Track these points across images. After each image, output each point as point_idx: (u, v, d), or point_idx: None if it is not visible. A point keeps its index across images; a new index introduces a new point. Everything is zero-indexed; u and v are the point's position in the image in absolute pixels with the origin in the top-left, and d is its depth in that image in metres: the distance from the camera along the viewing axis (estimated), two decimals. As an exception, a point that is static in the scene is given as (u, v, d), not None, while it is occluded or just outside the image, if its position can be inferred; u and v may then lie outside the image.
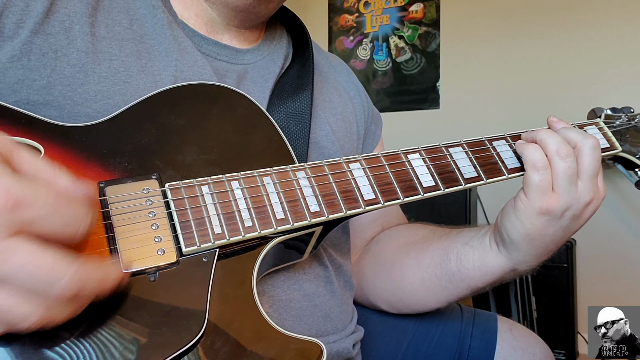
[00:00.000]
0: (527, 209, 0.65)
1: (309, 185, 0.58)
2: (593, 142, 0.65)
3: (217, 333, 0.49)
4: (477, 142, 0.69)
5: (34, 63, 0.55)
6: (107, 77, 0.59)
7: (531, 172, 0.64)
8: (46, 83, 0.55)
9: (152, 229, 0.49)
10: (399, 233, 0.89)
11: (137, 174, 0.53)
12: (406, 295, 0.83)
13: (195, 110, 0.59)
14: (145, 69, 0.62)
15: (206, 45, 0.70)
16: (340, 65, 0.93)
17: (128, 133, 0.55)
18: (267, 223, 0.54)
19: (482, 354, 0.82)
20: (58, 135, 0.52)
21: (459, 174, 0.66)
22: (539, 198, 0.63)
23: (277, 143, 0.62)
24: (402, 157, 0.64)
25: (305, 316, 0.68)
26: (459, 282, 0.76)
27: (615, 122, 0.82)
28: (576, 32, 2.70)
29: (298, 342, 0.52)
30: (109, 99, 0.58)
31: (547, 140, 0.65)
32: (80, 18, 0.59)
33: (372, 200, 0.60)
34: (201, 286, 0.50)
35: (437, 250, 0.79)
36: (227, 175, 0.55)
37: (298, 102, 0.72)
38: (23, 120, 0.50)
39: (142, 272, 0.48)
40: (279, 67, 0.77)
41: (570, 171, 0.63)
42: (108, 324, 0.45)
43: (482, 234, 0.76)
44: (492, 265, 0.72)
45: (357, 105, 0.88)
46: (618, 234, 2.59)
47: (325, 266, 0.74)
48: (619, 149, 0.78)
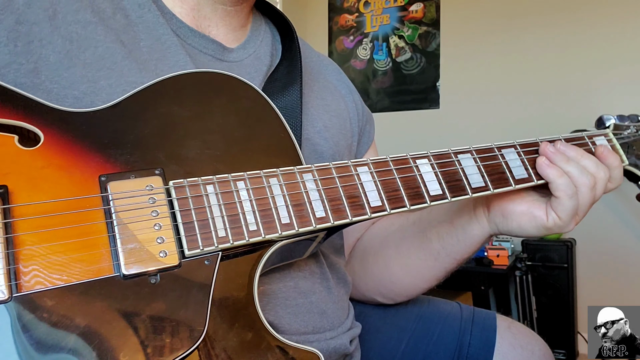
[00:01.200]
0: (551, 226, 0.70)
1: (316, 189, 0.56)
2: (606, 175, 0.71)
3: (217, 338, 0.48)
4: (485, 149, 0.68)
5: (20, 49, 0.55)
6: (91, 63, 0.58)
7: (566, 200, 0.68)
8: (33, 67, 0.55)
9: (154, 229, 0.48)
10: (379, 227, 0.91)
11: (139, 168, 0.51)
12: (394, 285, 0.85)
13: (199, 101, 0.57)
14: (130, 57, 0.61)
15: (193, 37, 0.69)
16: (331, 65, 0.92)
17: (130, 123, 0.53)
18: (271, 227, 0.52)
19: (481, 351, 0.82)
20: (58, 120, 0.49)
21: (467, 182, 0.65)
22: (573, 219, 0.69)
23: (283, 139, 0.60)
24: (411, 162, 0.63)
25: (302, 313, 0.68)
26: (445, 258, 0.80)
27: (624, 132, 0.81)
28: (576, 32, 2.71)
29: (297, 351, 0.52)
30: (94, 83, 0.57)
31: (574, 173, 0.69)
32: (64, 5, 0.59)
33: (378, 207, 0.58)
34: (202, 290, 0.48)
35: (414, 234, 0.82)
36: (232, 175, 0.53)
37: (287, 97, 0.71)
38: (21, 102, 0.48)
39: (143, 274, 0.46)
40: (267, 65, 0.77)
41: (594, 199, 0.70)
42: (107, 328, 0.43)
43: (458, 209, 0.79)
44: (478, 234, 0.77)
45: (350, 103, 0.88)
46: (618, 234, 2.61)
47: (320, 263, 0.74)
48: (626, 162, 0.78)
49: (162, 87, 0.55)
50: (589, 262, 2.60)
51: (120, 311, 0.44)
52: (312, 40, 3.37)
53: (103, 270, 0.45)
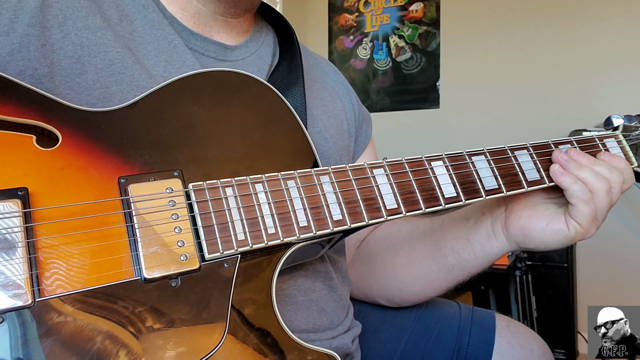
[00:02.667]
0: (579, 237, 0.70)
1: (333, 191, 0.56)
2: (619, 178, 0.71)
3: (237, 341, 0.48)
4: (499, 151, 0.68)
5: (33, 54, 0.55)
6: (103, 68, 0.58)
7: (583, 205, 0.68)
8: (47, 72, 0.55)
9: (175, 233, 0.48)
10: (385, 232, 0.90)
11: (158, 169, 0.50)
12: (402, 292, 0.85)
13: (217, 101, 0.57)
14: (139, 62, 0.62)
15: (194, 40, 0.69)
16: (328, 66, 0.93)
17: (148, 123, 0.52)
18: (290, 230, 0.53)
19: (480, 350, 0.83)
20: (76, 120, 0.49)
21: (480, 184, 0.65)
22: (592, 224, 0.69)
23: (300, 141, 0.60)
24: (426, 164, 0.63)
25: (301, 310, 0.68)
26: (459, 272, 0.80)
27: (632, 133, 0.82)
28: (577, 31, 2.71)
29: (315, 353, 0.52)
30: (107, 88, 0.57)
31: (588, 179, 0.69)
32: (72, 12, 0.59)
33: (394, 210, 0.59)
34: (222, 293, 0.49)
35: (427, 247, 0.82)
36: (251, 178, 0.53)
37: (292, 97, 0.71)
38: (38, 101, 0.48)
39: (164, 277, 0.46)
40: (268, 64, 0.77)
41: (611, 203, 0.71)
42: (129, 332, 0.43)
43: (475, 225, 0.78)
44: (496, 252, 0.76)
45: (347, 103, 0.88)
46: (618, 234, 2.61)
47: (325, 263, 0.74)
48: (635, 164, 0.78)
49: (178, 87, 0.55)
50: (589, 262, 2.60)
51: (142, 315, 0.44)
52: (312, 39, 3.37)
53: (124, 274, 0.45)
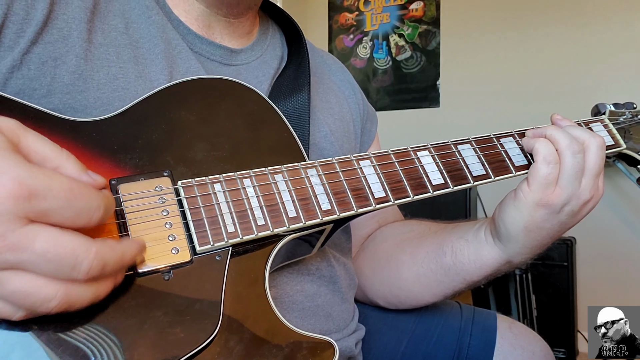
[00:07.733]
0: (528, 200, 0.65)
1: (320, 183, 0.58)
2: (599, 141, 0.66)
3: (231, 332, 0.49)
4: (484, 139, 0.70)
5: (34, 72, 0.55)
6: (105, 83, 0.59)
7: (541, 164, 0.64)
8: (46, 92, 0.55)
9: (165, 228, 0.49)
10: (394, 230, 0.90)
11: (148, 171, 0.52)
12: (402, 291, 0.83)
13: (205, 105, 0.59)
14: (143, 75, 0.62)
15: (200, 44, 0.70)
16: (335, 64, 0.93)
17: (138, 128, 0.54)
18: (279, 221, 0.54)
19: (481, 352, 0.82)
20: (67, 130, 0.51)
21: (468, 171, 0.66)
22: (542, 190, 0.65)
23: (287, 139, 0.62)
24: (412, 155, 0.64)
25: (308, 316, 0.69)
26: (454, 276, 0.77)
27: (619, 118, 0.82)
28: (577, 30, 2.70)
29: (311, 340, 0.53)
30: (109, 105, 0.57)
31: (558, 136, 0.66)
32: (78, 24, 0.59)
33: (382, 198, 0.60)
34: (215, 285, 0.50)
35: (432, 245, 0.80)
36: (239, 173, 0.55)
37: (295, 103, 0.71)
38: (31, 114, 0.50)
39: (156, 271, 0.48)
40: (274, 68, 0.77)
41: (578, 167, 0.65)
42: (123, 324, 0.45)
43: (476, 228, 0.76)
44: (488, 257, 0.73)
45: (353, 104, 0.89)
46: (618, 233, 2.60)
47: (332, 266, 0.74)
48: (623, 146, 0.78)
49: (168, 94, 0.57)
50: (589, 261, 2.58)
51: (135, 308, 0.46)
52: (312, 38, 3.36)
53: None
